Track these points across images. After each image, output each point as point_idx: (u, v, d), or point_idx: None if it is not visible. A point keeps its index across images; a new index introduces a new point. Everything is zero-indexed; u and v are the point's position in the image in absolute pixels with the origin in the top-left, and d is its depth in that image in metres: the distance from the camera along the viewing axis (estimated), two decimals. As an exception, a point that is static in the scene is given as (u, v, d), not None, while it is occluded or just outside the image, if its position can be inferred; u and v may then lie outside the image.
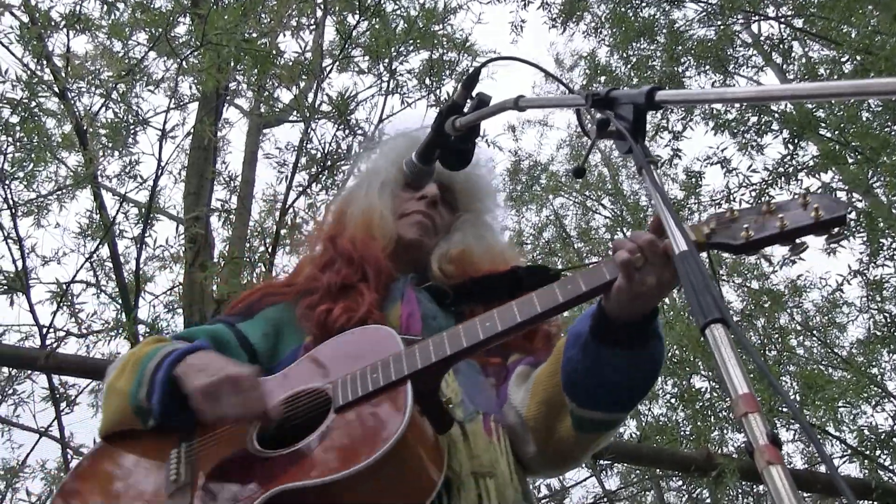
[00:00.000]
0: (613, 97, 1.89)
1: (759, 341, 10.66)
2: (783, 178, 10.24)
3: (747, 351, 1.36)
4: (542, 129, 17.05)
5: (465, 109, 2.33)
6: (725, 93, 1.80)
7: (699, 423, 8.66)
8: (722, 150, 10.32)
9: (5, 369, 8.49)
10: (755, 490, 10.69)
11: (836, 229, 1.83)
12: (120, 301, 7.99)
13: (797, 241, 1.87)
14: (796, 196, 1.91)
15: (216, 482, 1.99)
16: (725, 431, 8.74)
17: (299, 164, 7.81)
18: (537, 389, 2.20)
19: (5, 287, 7.08)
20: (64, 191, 8.75)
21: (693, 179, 10.60)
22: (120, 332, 7.87)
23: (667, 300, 10.24)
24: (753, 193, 10.12)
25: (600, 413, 2.12)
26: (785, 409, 8.03)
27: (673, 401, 9.07)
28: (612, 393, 2.08)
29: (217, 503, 1.94)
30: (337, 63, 8.30)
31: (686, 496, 10.10)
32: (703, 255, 2.02)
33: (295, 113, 8.23)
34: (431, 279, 2.48)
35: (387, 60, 8.29)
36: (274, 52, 7.95)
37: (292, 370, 2.16)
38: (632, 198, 14.05)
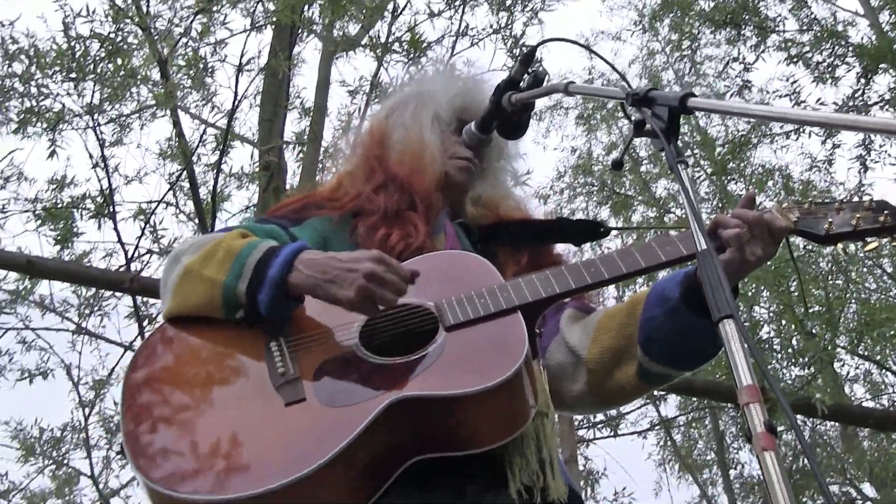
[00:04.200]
0: (651, 97, 2.03)
1: (828, 268, 10.64)
2: (856, 112, 10.14)
3: (749, 347, 1.56)
4: (616, 43, 16.81)
5: (522, 85, 2.53)
6: (748, 108, 1.99)
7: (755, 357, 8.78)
8: (792, 83, 10.24)
9: (93, 284, 8.95)
10: (808, 423, 10.86)
11: None
12: (197, 221, 8.39)
13: (867, 239, 2.27)
14: (864, 201, 2.30)
15: (329, 380, 2.06)
16: (781, 365, 8.86)
17: (371, 100, 8.02)
18: (601, 336, 2.38)
19: (93, 213, 7.51)
20: (145, 111, 9.08)
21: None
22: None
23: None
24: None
25: (672, 370, 2.34)
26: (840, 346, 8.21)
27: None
28: (691, 355, 2.30)
29: (331, 400, 2.00)
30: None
31: (739, 426, 10.29)
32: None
33: (367, 50, 8.42)
34: (463, 217, 2.64)
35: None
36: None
37: None
38: (702, 119, 13.95)
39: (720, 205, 11.49)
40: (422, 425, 1.98)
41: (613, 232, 11.19)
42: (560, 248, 2.67)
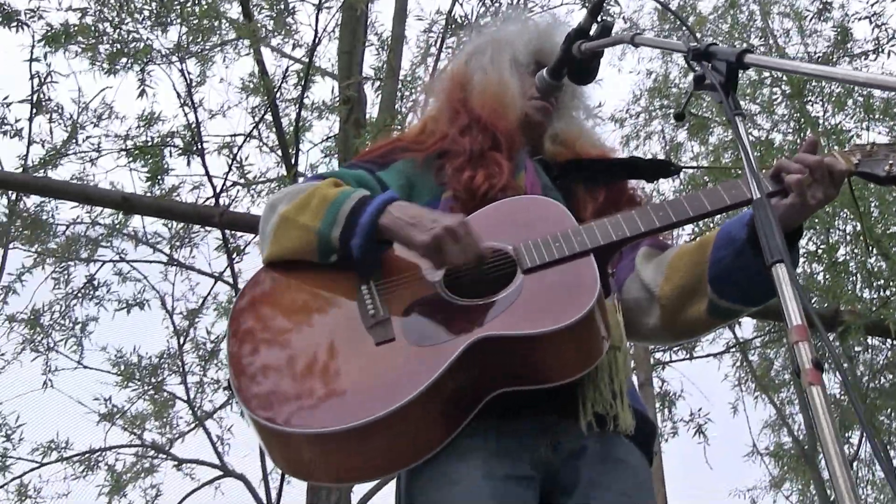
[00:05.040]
0: (711, 52, 2.14)
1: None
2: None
3: (797, 290, 1.70)
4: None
5: (591, 33, 2.67)
6: (799, 66, 2.12)
7: (829, 278, 8.80)
8: (873, 4, 10.02)
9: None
10: (885, 344, 10.82)
11: None
12: (280, 153, 8.70)
13: None
14: None
15: (415, 321, 2.21)
16: (858, 287, 8.86)
17: (447, 35, 8.17)
18: (674, 273, 2.49)
19: (182, 150, 7.85)
20: (227, 45, 9.34)
21: (840, 35, 10.37)
22: (281, 187, 8.62)
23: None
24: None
25: (740, 306, 2.45)
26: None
27: (807, 256, 9.20)
28: (757, 293, 2.37)
29: (419, 340, 2.16)
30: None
31: (816, 348, 10.31)
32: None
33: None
34: (542, 154, 2.72)
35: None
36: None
37: None
38: (781, 38, 13.66)
39: (797, 126, 11.38)
40: (502, 362, 2.13)
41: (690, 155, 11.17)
42: (634, 183, 2.76)
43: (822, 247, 9.40)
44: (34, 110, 8.02)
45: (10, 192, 8.19)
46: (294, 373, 2.16)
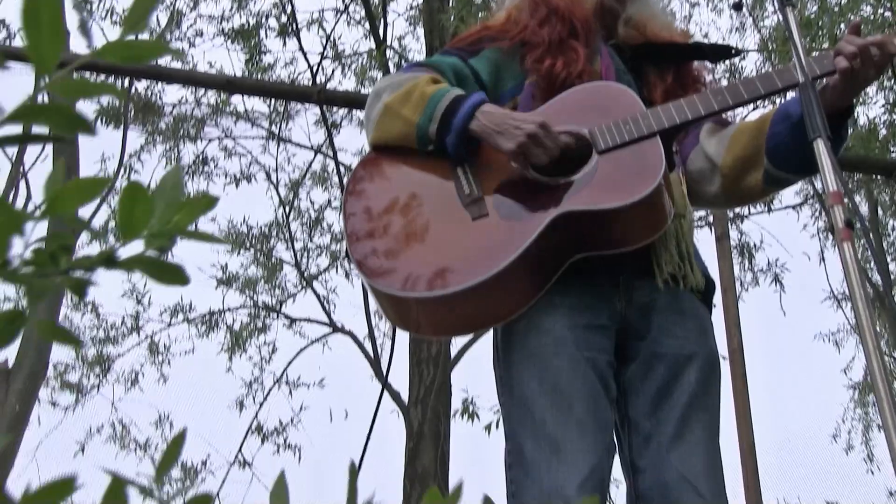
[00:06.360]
0: None
1: None
2: None
3: (832, 163, 2.12)
4: None
5: None
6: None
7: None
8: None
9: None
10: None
11: None
12: (367, 26, 9.07)
13: None
14: None
15: (506, 198, 2.46)
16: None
17: None
18: (734, 146, 2.74)
19: (278, 31, 8.30)
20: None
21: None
22: (373, 63, 9.04)
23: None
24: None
25: (793, 175, 2.72)
26: None
27: (887, 106, 9.23)
28: (809, 163, 2.48)
29: (509, 215, 2.42)
30: None
31: (890, 196, 10.36)
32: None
33: None
34: (615, 38, 2.93)
35: None
36: None
37: (546, 111, 2.56)
38: None
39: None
40: (582, 232, 2.46)
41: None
42: (698, 64, 2.98)
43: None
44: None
45: (123, 78, 8.70)
46: (405, 243, 2.51)
